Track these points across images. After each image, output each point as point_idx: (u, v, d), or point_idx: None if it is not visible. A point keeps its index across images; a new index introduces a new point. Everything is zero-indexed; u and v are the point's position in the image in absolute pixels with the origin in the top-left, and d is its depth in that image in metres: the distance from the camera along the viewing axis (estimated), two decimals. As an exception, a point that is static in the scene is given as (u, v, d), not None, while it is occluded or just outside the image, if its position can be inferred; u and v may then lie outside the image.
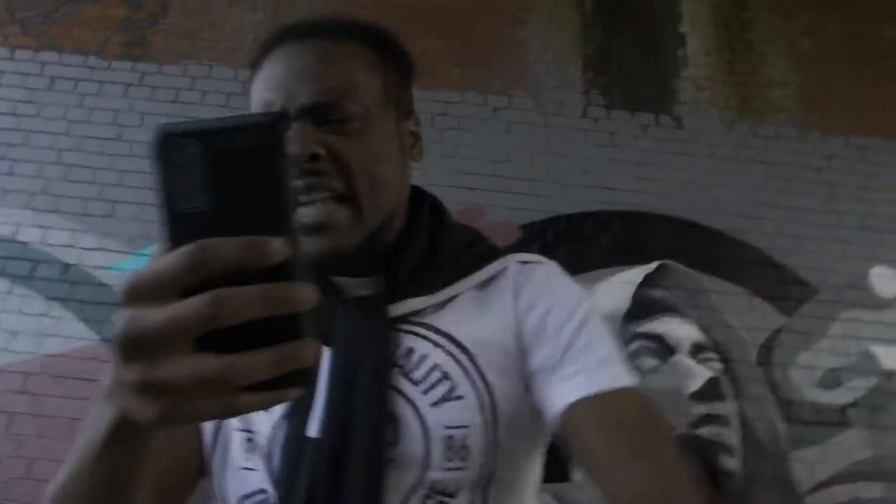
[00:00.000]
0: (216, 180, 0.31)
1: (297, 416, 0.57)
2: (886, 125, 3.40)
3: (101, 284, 2.77)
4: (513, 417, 0.60)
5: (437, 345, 0.60)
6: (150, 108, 3.05)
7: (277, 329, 0.31)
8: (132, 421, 0.34)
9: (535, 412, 0.62)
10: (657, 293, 2.93)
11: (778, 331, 2.95)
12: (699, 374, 2.83)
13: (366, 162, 0.61)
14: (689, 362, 2.85)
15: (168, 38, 3.22)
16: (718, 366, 2.86)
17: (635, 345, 2.84)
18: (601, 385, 0.59)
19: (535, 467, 0.68)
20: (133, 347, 0.31)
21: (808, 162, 3.22)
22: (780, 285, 3.01)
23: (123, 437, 0.39)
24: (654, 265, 2.97)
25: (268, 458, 0.59)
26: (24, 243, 2.80)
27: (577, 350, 0.60)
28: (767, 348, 2.91)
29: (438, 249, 0.66)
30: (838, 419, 2.85)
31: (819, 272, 3.04)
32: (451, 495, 0.56)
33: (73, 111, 3.03)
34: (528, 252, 0.71)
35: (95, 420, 0.41)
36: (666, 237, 3.02)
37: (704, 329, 2.90)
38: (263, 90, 0.66)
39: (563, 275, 0.68)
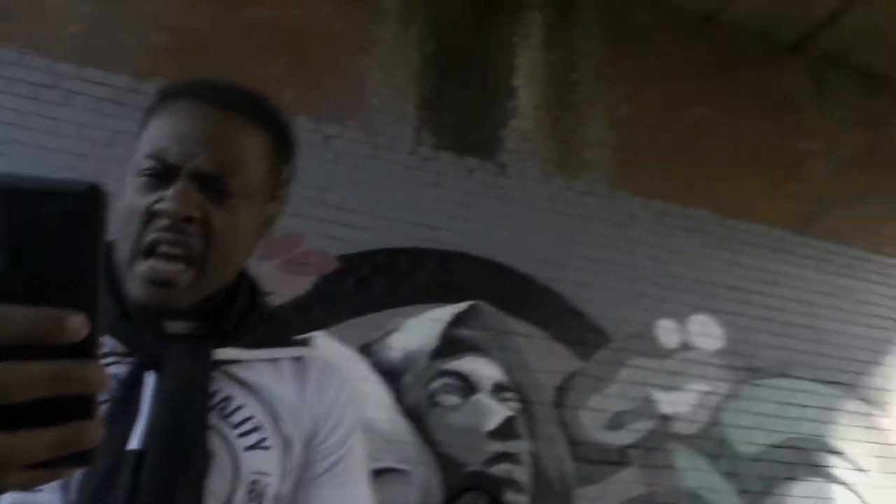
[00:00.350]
0: (19, 242, 0.31)
1: (118, 430, 0.63)
2: (684, 193, 4.06)
3: None
4: (293, 481, 0.73)
5: (249, 396, 0.71)
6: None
7: (65, 406, 0.31)
8: None
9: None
10: (465, 332, 3.26)
11: (573, 374, 3.39)
12: (498, 413, 3.18)
13: (228, 237, 0.70)
14: (490, 401, 3.19)
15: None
16: (516, 405, 3.23)
17: (439, 382, 3.13)
18: None
19: None
20: None
21: (613, 219, 3.75)
22: (578, 331, 3.45)
23: None
24: (465, 305, 3.29)
25: (64, 487, 0.60)
26: None
27: (338, 472, 0.74)
28: (562, 390, 3.35)
29: (254, 312, 0.78)
30: (619, 458, 3.32)
31: (613, 321, 3.54)
32: None
33: None
34: (319, 335, 0.85)
35: None
36: (480, 278, 3.35)
37: (507, 370, 3.28)
38: (161, 137, 0.71)
39: (352, 389, 0.83)
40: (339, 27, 3.69)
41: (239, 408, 0.69)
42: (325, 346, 0.85)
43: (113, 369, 0.65)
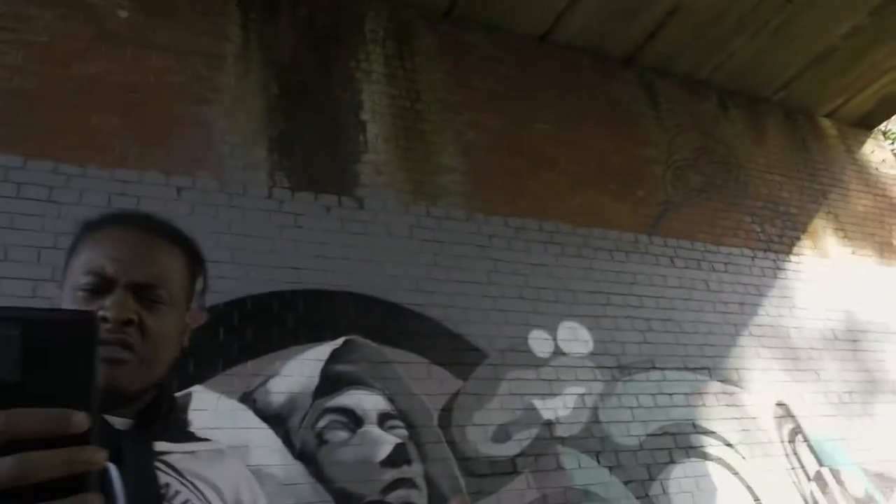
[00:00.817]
0: (31, 359, 0.44)
1: None
2: (537, 208, 4.60)
3: None
4: None
5: (183, 483, 0.87)
6: None
7: (68, 482, 0.43)
8: None
9: None
10: (344, 368, 3.55)
11: (455, 394, 3.75)
12: (387, 442, 3.49)
13: (159, 337, 0.88)
14: (377, 431, 3.49)
15: None
16: (404, 432, 3.54)
17: (325, 419, 3.40)
18: None
19: None
20: None
21: (473, 241, 4.19)
22: (454, 352, 3.82)
23: None
24: (340, 341, 3.56)
25: None
26: None
27: None
28: (447, 411, 3.70)
29: (174, 413, 0.98)
30: (509, 468, 3.71)
31: (487, 338, 3.95)
32: None
33: None
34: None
35: None
36: (349, 313, 3.62)
37: (390, 398, 3.59)
38: (97, 257, 0.89)
39: (249, 475, 1.03)
40: (177, 79, 3.93)
41: (177, 493, 0.86)
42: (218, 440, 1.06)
43: None
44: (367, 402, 3.50)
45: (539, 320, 4.17)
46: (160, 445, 0.89)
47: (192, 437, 0.99)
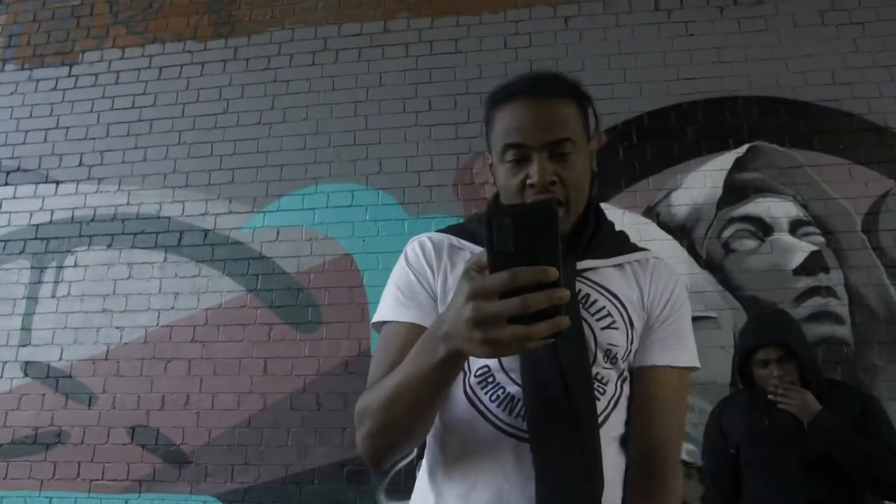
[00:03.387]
0: (519, 235, 0.66)
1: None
2: None
3: (237, 243, 3.68)
4: (637, 347, 1.08)
5: (602, 294, 1.05)
6: (248, 79, 3.87)
7: (550, 311, 0.65)
8: (464, 353, 0.73)
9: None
10: (749, 176, 3.38)
11: (884, 196, 3.31)
12: (800, 250, 3.31)
13: (575, 182, 1.02)
14: (789, 239, 3.31)
15: (250, 11, 3.99)
16: (821, 239, 3.30)
17: (731, 229, 3.33)
18: (680, 362, 1.07)
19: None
20: (481, 321, 0.66)
21: (902, 14, 3.48)
22: (883, 149, 3.31)
23: (454, 363, 0.78)
24: (743, 148, 3.39)
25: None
26: (169, 218, 3.74)
27: (676, 333, 1.08)
28: (873, 214, 3.30)
29: (601, 232, 1.11)
30: (953, 274, 3.24)
31: (923, 128, 3.36)
32: (605, 384, 1.01)
33: (183, 94, 3.91)
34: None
35: (427, 353, 0.79)
36: (753, 118, 3.38)
37: (803, 204, 3.35)
38: (512, 131, 1.03)
39: (677, 278, 1.15)
40: None
41: (595, 301, 1.04)
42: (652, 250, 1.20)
43: None
44: (777, 209, 3.33)
45: None
46: (586, 263, 1.07)
47: (626, 250, 1.14)
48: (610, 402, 1.02)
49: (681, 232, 3.35)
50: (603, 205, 1.24)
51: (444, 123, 3.61)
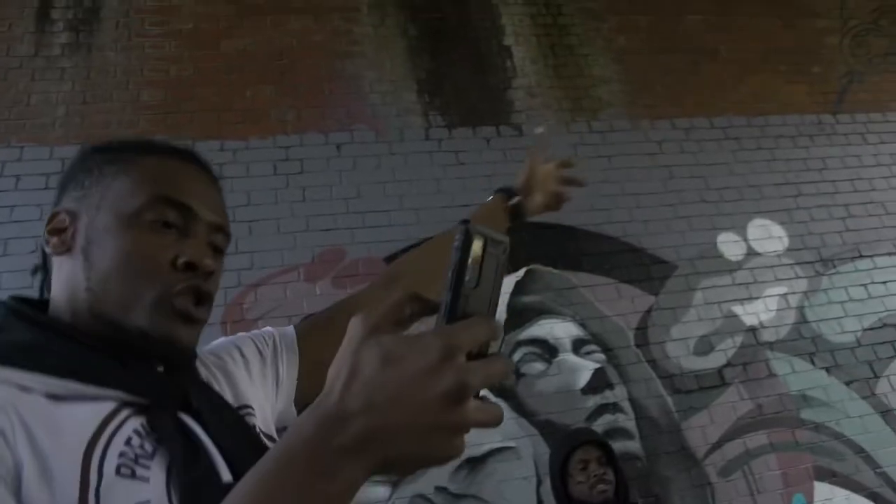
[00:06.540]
0: (486, 269, 0.48)
1: (206, 473, 0.67)
2: (705, 105, 4.13)
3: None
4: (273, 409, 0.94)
5: (222, 387, 0.86)
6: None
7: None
8: (391, 468, 0.45)
9: None
10: (530, 298, 3.38)
11: (649, 311, 3.48)
12: (585, 368, 3.30)
13: (216, 287, 0.80)
14: (574, 358, 3.30)
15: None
16: (602, 356, 3.34)
17: (519, 352, 3.26)
18: None
19: None
20: (464, 394, 0.44)
21: (642, 150, 3.81)
22: (641, 268, 3.52)
23: (353, 493, 0.46)
24: (521, 272, 3.42)
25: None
26: None
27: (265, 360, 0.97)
28: (642, 329, 3.44)
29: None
30: (717, 381, 3.40)
31: (673, 249, 3.60)
32: None
33: None
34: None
35: (306, 485, 0.45)
36: (526, 242, 3.42)
37: (581, 324, 3.39)
38: (173, 181, 0.77)
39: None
40: (318, 38, 3.84)
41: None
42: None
43: (133, 423, 0.66)
44: (559, 329, 3.32)
45: (726, 222, 3.77)
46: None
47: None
48: None
49: (472, 358, 3.17)
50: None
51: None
